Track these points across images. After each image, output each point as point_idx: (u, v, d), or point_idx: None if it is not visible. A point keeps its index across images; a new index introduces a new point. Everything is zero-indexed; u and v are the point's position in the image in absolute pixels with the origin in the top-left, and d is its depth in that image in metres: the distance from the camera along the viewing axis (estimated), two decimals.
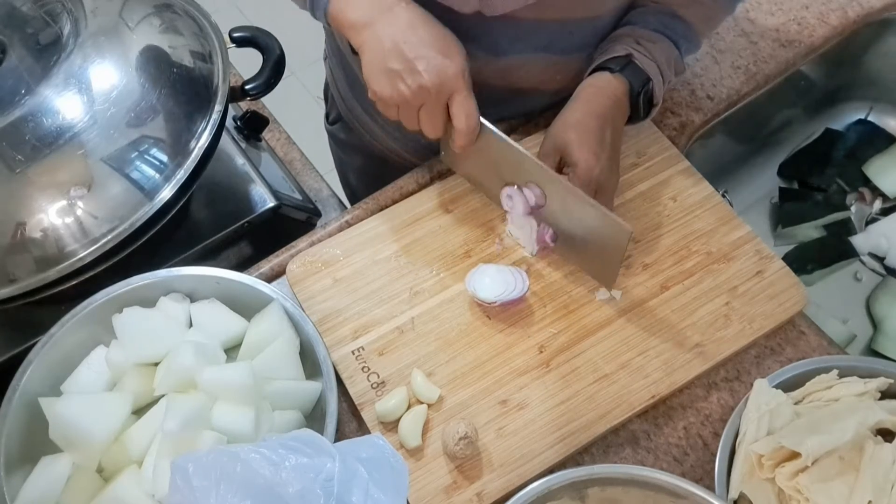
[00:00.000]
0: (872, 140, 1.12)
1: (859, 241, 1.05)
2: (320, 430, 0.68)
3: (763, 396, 0.70)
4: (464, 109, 0.75)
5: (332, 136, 1.16)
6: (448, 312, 0.80)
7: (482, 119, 0.78)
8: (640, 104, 0.81)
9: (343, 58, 0.98)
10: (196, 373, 0.69)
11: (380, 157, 1.06)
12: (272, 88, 0.88)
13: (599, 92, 0.80)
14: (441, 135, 0.78)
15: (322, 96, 1.17)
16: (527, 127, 0.94)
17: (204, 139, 0.79)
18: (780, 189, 1.12)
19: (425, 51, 0.72)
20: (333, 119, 1.12)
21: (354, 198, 1.22)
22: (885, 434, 0.70)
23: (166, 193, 0.77)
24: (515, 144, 0.78)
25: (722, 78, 0.99)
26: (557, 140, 0.79)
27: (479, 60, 0.85)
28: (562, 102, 0.83)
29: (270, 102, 1.03)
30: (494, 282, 0.79)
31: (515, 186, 0.81)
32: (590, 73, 0.83)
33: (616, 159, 0.80)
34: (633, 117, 0.83)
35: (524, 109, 0.94)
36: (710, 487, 0.66)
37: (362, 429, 0.76)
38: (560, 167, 0.80)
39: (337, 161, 1.22)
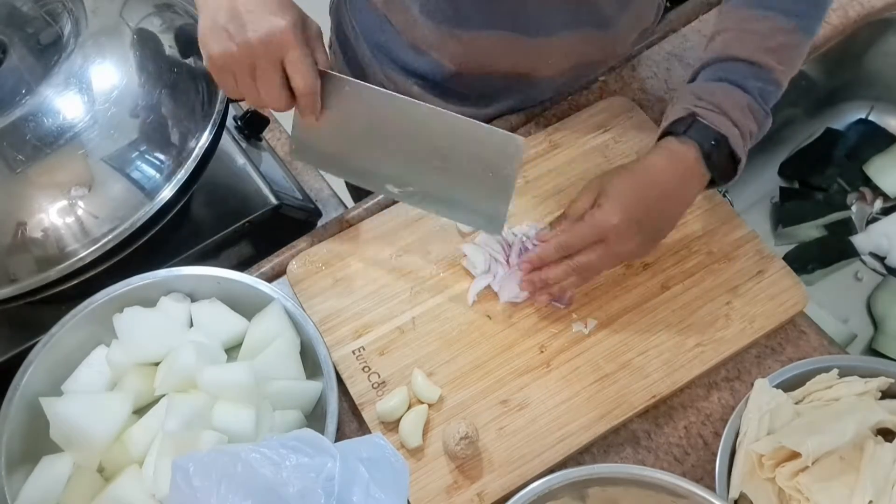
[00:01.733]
0: (873, 139, 1.12)
1: (860, 240, 1.05)
2: (321, 430, 0.68)
3: (764, 396, 0.70)
4: (298, 69, 0.69)
5: None
6: (449, 312, 0.80)
7: (338, 74, 0.73)
8: (717, 162, 0.72)
9: (345, 54, 0.99)
10: (197, 372, 0.69)
11: None
12: None
13: (668, 157, 0.73)
14: (283, 104, 0.72)
15: None
16: (528, 126, 0.94)
17: (204, 139, 0.79)
18: (781, 189, 1.12)
19: (256, 6, 0.67)
20: None
21: (358, 194, 1.22)
22: (886, 434, 0.70)
23: (167, 193, 0.77)
24: (381, 89, 0.73)
25: None
26: (604, 180, 0.74)
27: (455, 38, 0.85)
28: (573, 88, 0.81)
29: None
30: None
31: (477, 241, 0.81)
32: (658, 139, 0.75)
33: (655, 233, 0.74)
34: (721, 177, 0.74)
35: (524, 100, 0.94)
36: (710, 487, 0.66)
37: (363, 428, 0.76)
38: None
39: None
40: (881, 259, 1.05)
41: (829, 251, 1.05)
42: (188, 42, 0.84)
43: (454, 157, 0.74)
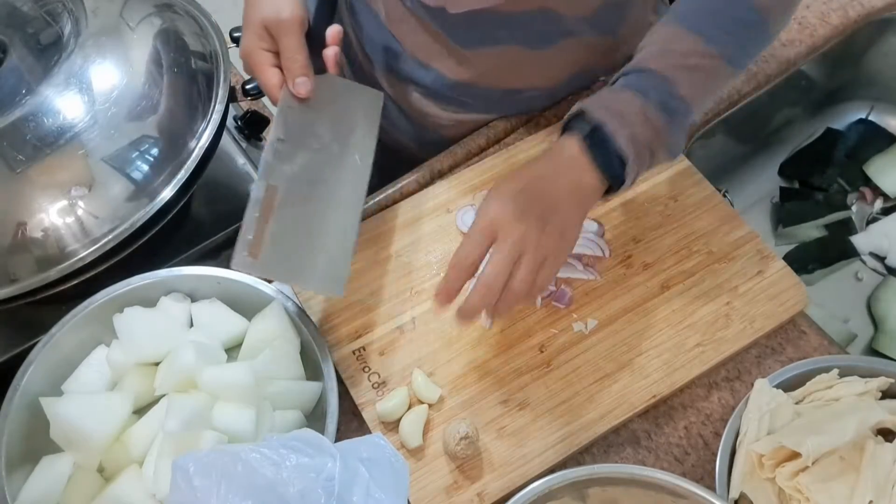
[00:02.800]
0: (873, 139, 1.12)
1: (860, 240, 1.05)
2: (321, 430, 0.68)
3: (764, 396, 0.70)
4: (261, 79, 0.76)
5: None
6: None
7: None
8: (598, 154, 0.68)
9: (347, 54, 0.99)
10: (197, 372, 0.69)
11: (387, 151, 1.06)
12: None
13: (548, 152, 0.71)
14: (276, 91, 0.77)
15: None
16: (528, 126, 0.94)
17: (204, 139, 0.79)
18: (781, 189, 1.12)
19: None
20: None
21: None
22: (886, 434, 0.70)
23: (167, 193, 0.77)
24: None
25: None
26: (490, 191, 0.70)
27: (455, 54, 0.85)
28: (562, 98, 0.82)
29: (271, 102, 1.03)
30: None
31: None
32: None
33: (549, 217, 0.67)
34: (609, 171, 0.69)
35: (523, 108, 0.94)
36: (710, 487, 0.66)
37: (363, 429, 0.76)
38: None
39: None
40: (881, 259, 1.05)
41: (830, 251, 1.05)
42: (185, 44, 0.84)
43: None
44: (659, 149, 0.70)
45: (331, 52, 0.76)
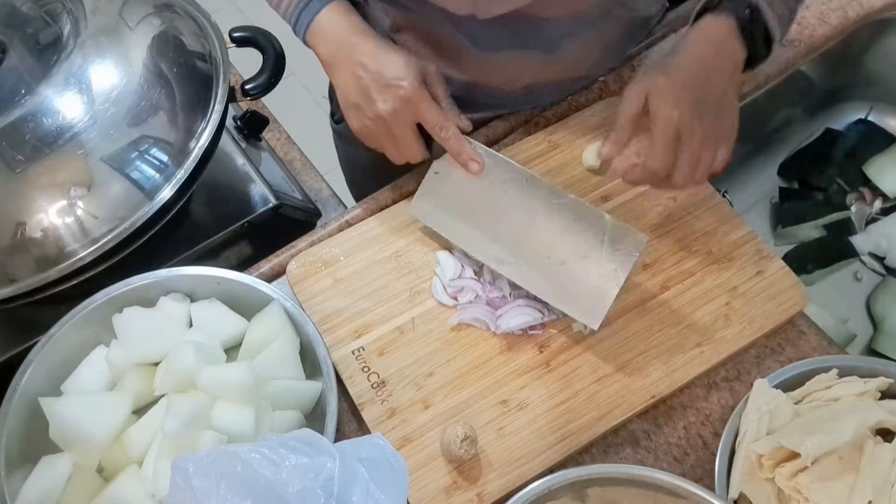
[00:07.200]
0: (872, 140, 1.12)
1: (859, 240, 1.05)
2: (320, 430, 0.68)
3: (763, 396, 0.70)
4: (434, 123, 0.76)
5: (338, 133, 1.16)
6: (448, 312, 0.80)
7: (469, 139, 0.79)
8: (753, 34, 0.73)
9: None
10: (196, 372, 0.69)
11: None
12: (272, 88, 0.88)
13: (701, 37, 0.74)
14: (418, 157, 0.80)
15: (327, 96, 1.17)
16: (527, 126, 0.94)
17: (204, 139, 0.79)
18: (781, 189, 1.12)
19: (377, 76, 0.75)
20: (339, 118, 1.12)
21: (360, 194, 1.22)
22: (885, 434, 0.70)
23: (166, 193, 0.77)
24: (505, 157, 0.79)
25: None
26: (647, 81, 0.73)
27: (475, 59, 0.85)
28: (566, 94, 0.81)
29: (270, 102, 1.03)
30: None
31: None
32: (693, 21, 0.76)
33: (717, 110, 0.73)
34: (754, 56, 0.75)
35: (529, 106, 0.95)
36: (710, 487, 0.66)
37: (362, 429, 0.76)
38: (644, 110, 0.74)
39: (343, 158, 1.22)
40: (880, 259, 1.05)
41: (829, 251, 1.05)
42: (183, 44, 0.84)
43: (566, 240, 0.76)
44: (787, 23, 0.76)
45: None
